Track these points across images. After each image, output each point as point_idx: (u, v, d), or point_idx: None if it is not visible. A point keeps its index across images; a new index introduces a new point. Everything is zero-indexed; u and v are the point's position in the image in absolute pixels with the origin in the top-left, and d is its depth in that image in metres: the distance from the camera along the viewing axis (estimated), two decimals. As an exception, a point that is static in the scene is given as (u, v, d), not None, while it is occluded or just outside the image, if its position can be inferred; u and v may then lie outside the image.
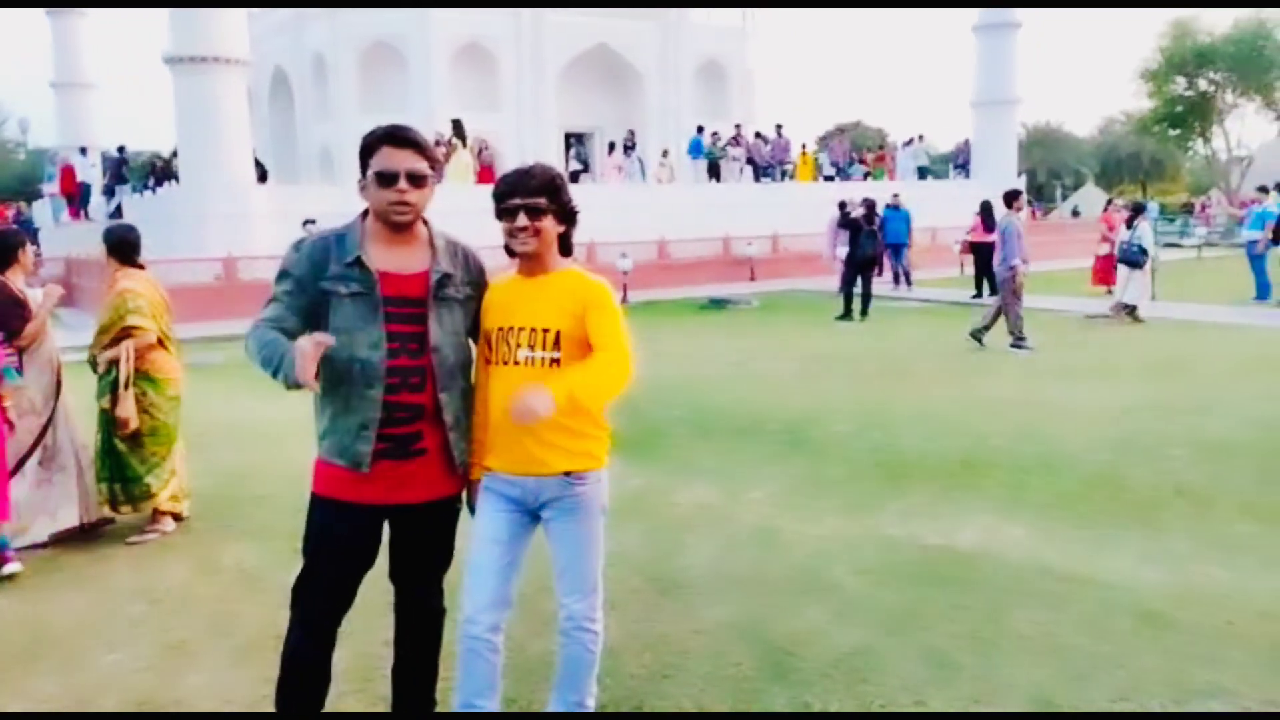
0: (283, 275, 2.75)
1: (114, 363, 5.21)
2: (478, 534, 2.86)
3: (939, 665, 3.60)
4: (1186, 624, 3.89)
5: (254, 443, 7.41)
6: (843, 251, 16.10)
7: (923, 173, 29.02)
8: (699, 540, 5.05)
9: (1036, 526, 5.13)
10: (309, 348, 2.47)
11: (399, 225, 2.73)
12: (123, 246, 5.43)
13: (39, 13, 35.13)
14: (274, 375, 2.58)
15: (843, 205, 18.84)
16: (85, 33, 35.79)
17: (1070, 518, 5.27)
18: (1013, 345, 11.24)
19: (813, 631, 3.91)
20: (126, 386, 5.18)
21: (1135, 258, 13.51)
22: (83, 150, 26.01)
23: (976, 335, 11.57)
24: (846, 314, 14.91)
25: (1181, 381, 9.17)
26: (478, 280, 2.88)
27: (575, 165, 25.97)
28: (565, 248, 2.85)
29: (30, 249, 5.46)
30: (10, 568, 4.73)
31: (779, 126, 27.89)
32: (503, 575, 2.84)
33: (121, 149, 24.67)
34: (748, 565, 4.68)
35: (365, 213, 2.79)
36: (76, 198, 24.24)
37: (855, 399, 8.76)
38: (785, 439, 7.26)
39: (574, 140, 29.36)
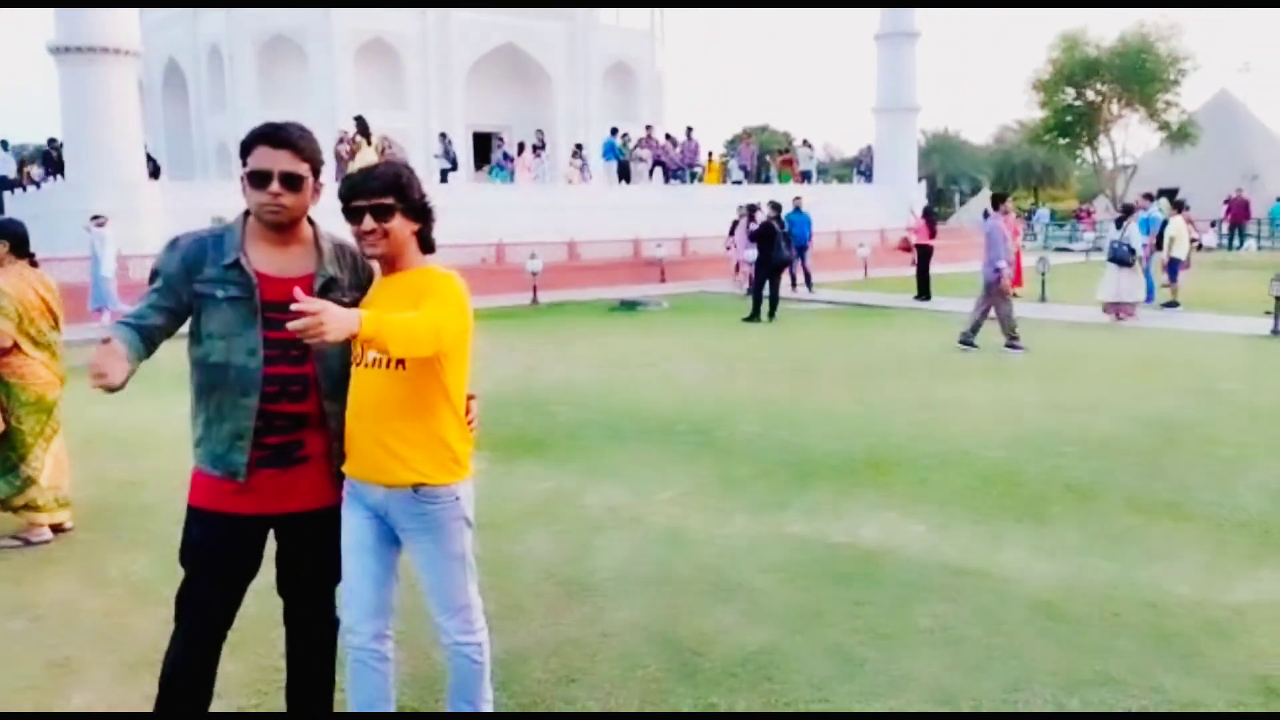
0: (154, 274, 2.66)
1: None
2: (345, 544, 2.73)
3: (842, 660, 3.66)
4: (1076, 615, 4.04)
5: (143, 449, 7.12)
6: (752, 254, 16.35)
7: (806, 175, 29.56)
8: (608, 542, 5.04)
9: (935, 522, 5.28)
10: (120, 349, 2.37)
11: (275, 226, 2.64)
12: (18, 241, 5.18)
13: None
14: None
15: (751, 208, 19.20)
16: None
17: (967, 513, 5.43)
18: (1007, 345, 11.41)
19: (720, 631, 3.94)
20: None
21: (1125, 257, 13.92)
22: (3, 144, 24.47)
23: (966, 340, 11.65)
24: (754, 316, 15.11)
25: (1071, 381, 9.56)
26: (367, 284, 2.78)
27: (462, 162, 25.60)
28: (426, 245, 2.72)
29: None
30: None
31: (689, 129, 28.12)
32: (377, 582, 2.73)
33: (52, 140, 23.20)
34: (656, 566, 4.69)
35: (247, 213, 2.69)
36: None
37: (763, 399, 8.87)
38: (694, 440, 7.31)
39: (498, 140, 29.04)
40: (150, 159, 21.30)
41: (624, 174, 26.16)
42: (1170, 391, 8.87)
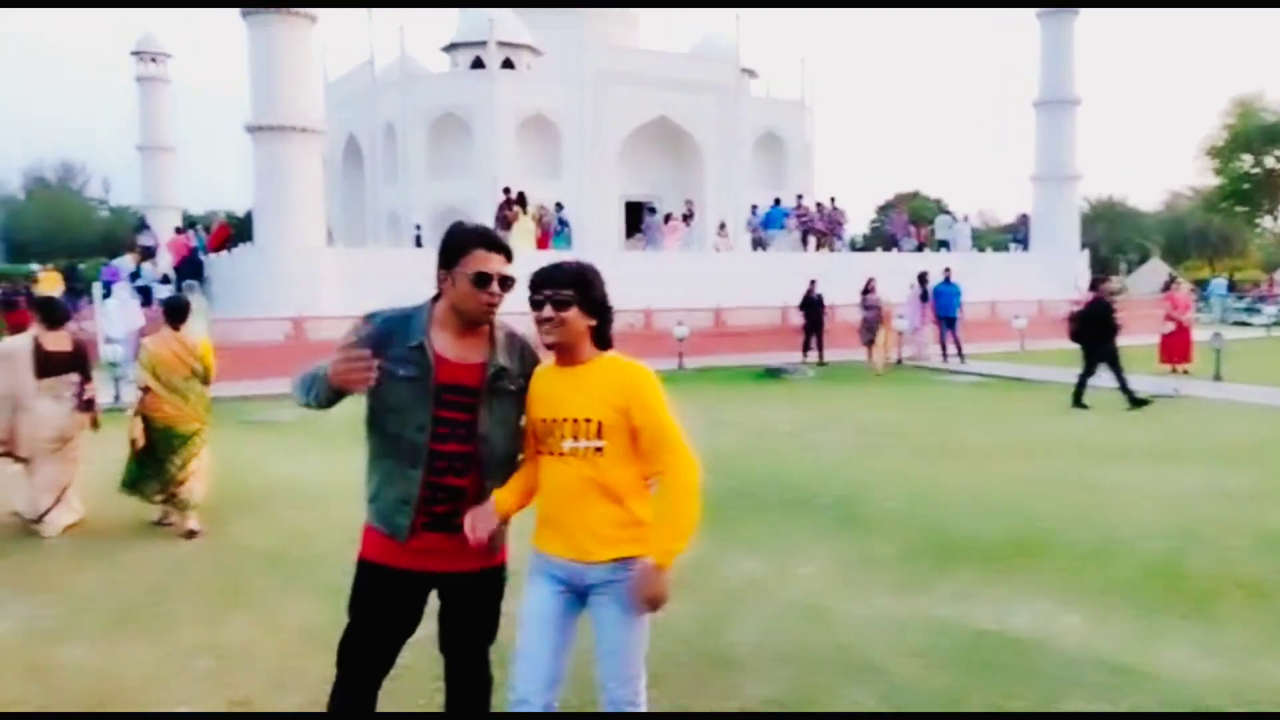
0: (354, 339, 2.87)
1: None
2: (527, 614, 2.91)
3: (986, 754, 3.59)
4: (1242, 721, 3.83)
5: (318, 501, 7.62)
6: (905, 324, 16.39)
7: (944, 244, 28.95)
8: (746, 614, 5.09)
9: (1092, 614, 5.07)
10: (355, 354, 2.66)
11: (479, 323, 2.86)
12: (169, 313, 7.08)
13: (127, 77, 37.04)
14: (308, 391, 2.79)
15: (922, 277, 19.49)
16: (169, 98, 37.65)
17: (1126, 606, 5.20)
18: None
19: (856, 711, 3.92)
20: (134, 415, 6.89)
21: None
22: (192, 224, 26.68)
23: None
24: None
25: (1245, 467, 8.99)
26: (531, 373, 2.97)
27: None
28: (602, 341, 2.91)
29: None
30: None
31: (832, 198, 28.24)
32: (554, 655, 2.88)
33: (142, 218, 25.05)
34: (794, 643, 4.71)
35: (435, 298, 2.90)
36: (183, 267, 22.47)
37: (907, 474, 8.73)
38: (836, 513, 7.27)
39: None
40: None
41: (760, 243, 26.42)
42: (1360, 483, 8.22)
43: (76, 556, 6.27)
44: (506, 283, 2.85)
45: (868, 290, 18.79)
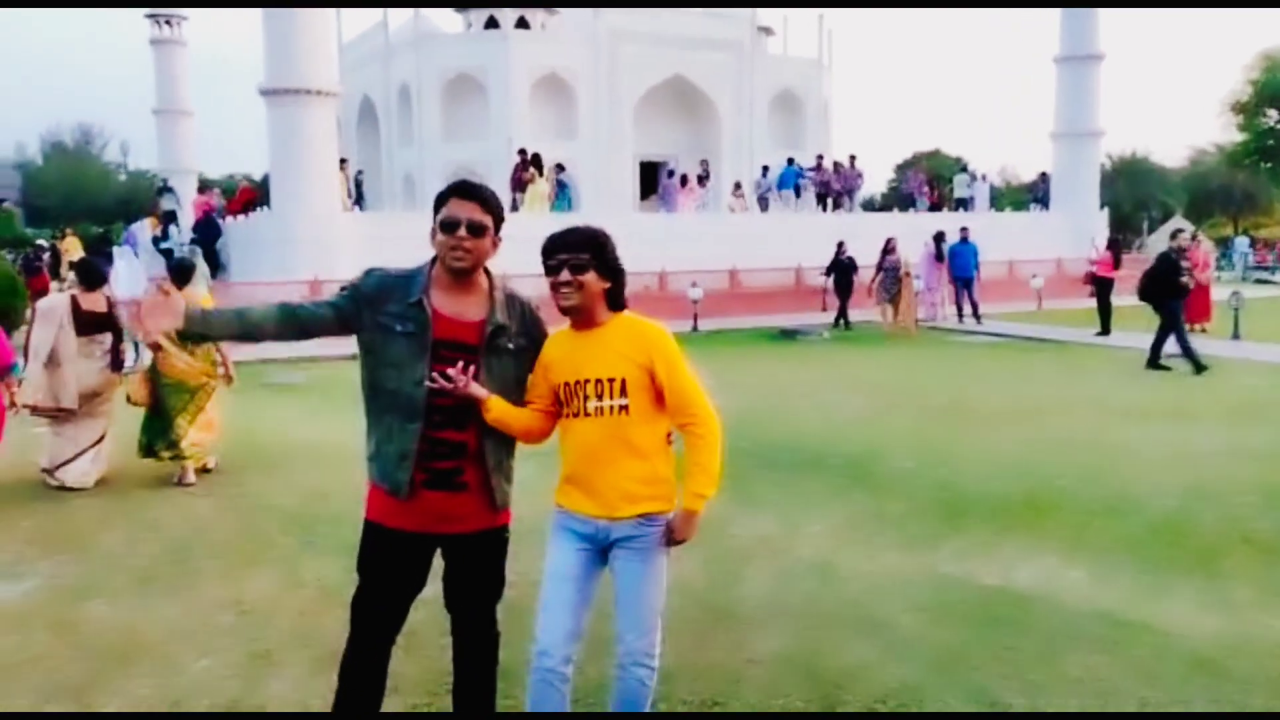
0: (348, 286, 3.00)
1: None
2: (550, 570, 3.01)
3: (985, 705, 3.67)
4: (1240, 674, 3.89)
5: (334, 461, 7.74)
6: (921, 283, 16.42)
7: (963, 203, 28.72)
8: (756, 571, 5.18)
9: (1096, 570, 5.14)
10: (177, 304, 2.83)
11: (457, 272, 2.90)
12: (173, 273, 7.56)
13: (142, 40, 36.99)
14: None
15: (938, 237, 19.37)
16: (185, 62, 37.57)
17: (1131, 562, 5.26)
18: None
19: (863, 667, 4.01)
20: (143, 373, 7.28)
21: None
22: (209, 186, 26.91)
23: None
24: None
25: (1260, 426, 8.97)
26: (532, 332, 3.04)
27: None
28: (616, 303, 2.98)
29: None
30: None
31: (851, 157, 27.94)
32: (576, 611, 2.97)
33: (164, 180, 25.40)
34: (803, 598, 4.80)
35: (434, 260, 2.97)
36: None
37: (920, 434, 8.78)
38: (848, 473, 7.34)
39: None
40: (358, 185, 23.36)
41: (765, 204, 26.28)
42: (1375, 441, 8.20)
43: (100, 515, 6.43)
44: (477, 229, 2.88)
45: (888, 250, 18.62)
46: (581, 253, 2.89)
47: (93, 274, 7.53)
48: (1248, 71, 34.19)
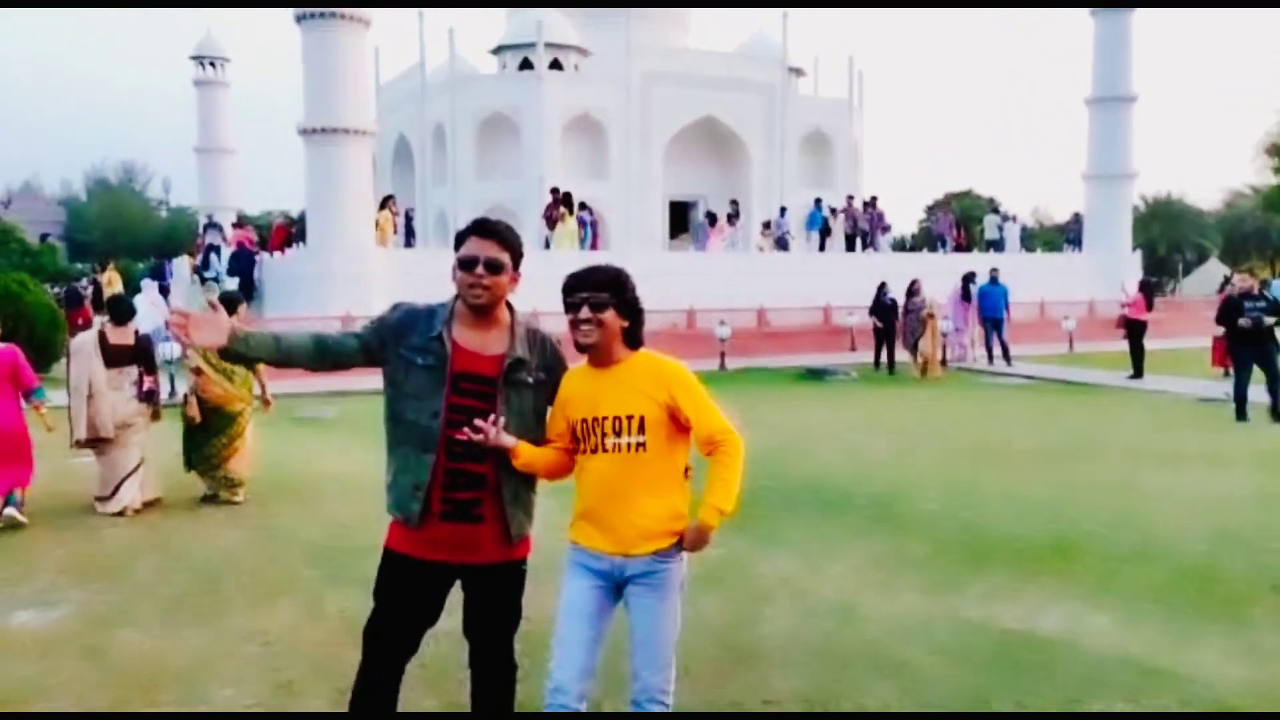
0: (374, 321, 3.11)
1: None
2: (565, 607, 3.04)
3: (1005, 750, 3.64)
4: (1267, 724, 3.83)
5: (360, 495, 7.81)
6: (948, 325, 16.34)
7: (994, 244, 28.63)
8: (777, 611, 5.17)
9: (1121, 616, 5.07)
10: (223, 322, 2.98)
11: (477, 308, 2.98)
12: (224, 304, 7.33)
13: (185, 81, 37.97)
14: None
15: (967, 278, 19.31)
16: (227, 102, 38.52)
17: (1158, 609, 5.19)
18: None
19: (881, 708, 3.99)
20: (189, 395, 7.71)
21: None
22: (245, 223, 27.45)
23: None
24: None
25: (1294, 472, 8.83)
26: (552, 366, 3.10)
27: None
28: (634, 341, 3.04)
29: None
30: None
31: (874, 198, 28.08)
32: (589, 648, 3.00)
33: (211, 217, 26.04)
34: (823, 639, 4.78)
35: (457, 297, 3.05)
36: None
37: (946, 476, 8.72)
38: (871, 513, 7.31)
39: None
40: (409, 221, 24.13)
41: (783, 244, 26.34)
42: None
43: (132, 545, 6.54)
44: (495, 267, 2.95)
45: (912, 292, 18.54)
46: (601, 291, 2.95)
47: (122, 309, 7.88)
48: (1282, 113, 33.93)
